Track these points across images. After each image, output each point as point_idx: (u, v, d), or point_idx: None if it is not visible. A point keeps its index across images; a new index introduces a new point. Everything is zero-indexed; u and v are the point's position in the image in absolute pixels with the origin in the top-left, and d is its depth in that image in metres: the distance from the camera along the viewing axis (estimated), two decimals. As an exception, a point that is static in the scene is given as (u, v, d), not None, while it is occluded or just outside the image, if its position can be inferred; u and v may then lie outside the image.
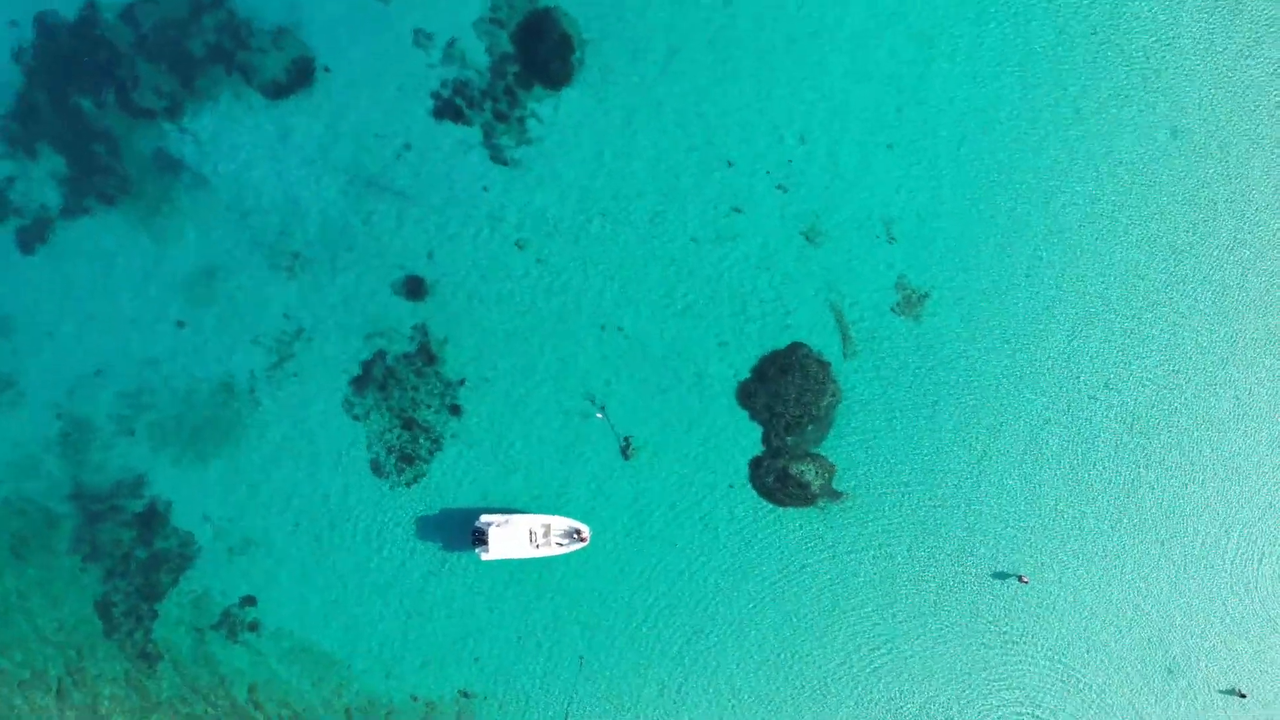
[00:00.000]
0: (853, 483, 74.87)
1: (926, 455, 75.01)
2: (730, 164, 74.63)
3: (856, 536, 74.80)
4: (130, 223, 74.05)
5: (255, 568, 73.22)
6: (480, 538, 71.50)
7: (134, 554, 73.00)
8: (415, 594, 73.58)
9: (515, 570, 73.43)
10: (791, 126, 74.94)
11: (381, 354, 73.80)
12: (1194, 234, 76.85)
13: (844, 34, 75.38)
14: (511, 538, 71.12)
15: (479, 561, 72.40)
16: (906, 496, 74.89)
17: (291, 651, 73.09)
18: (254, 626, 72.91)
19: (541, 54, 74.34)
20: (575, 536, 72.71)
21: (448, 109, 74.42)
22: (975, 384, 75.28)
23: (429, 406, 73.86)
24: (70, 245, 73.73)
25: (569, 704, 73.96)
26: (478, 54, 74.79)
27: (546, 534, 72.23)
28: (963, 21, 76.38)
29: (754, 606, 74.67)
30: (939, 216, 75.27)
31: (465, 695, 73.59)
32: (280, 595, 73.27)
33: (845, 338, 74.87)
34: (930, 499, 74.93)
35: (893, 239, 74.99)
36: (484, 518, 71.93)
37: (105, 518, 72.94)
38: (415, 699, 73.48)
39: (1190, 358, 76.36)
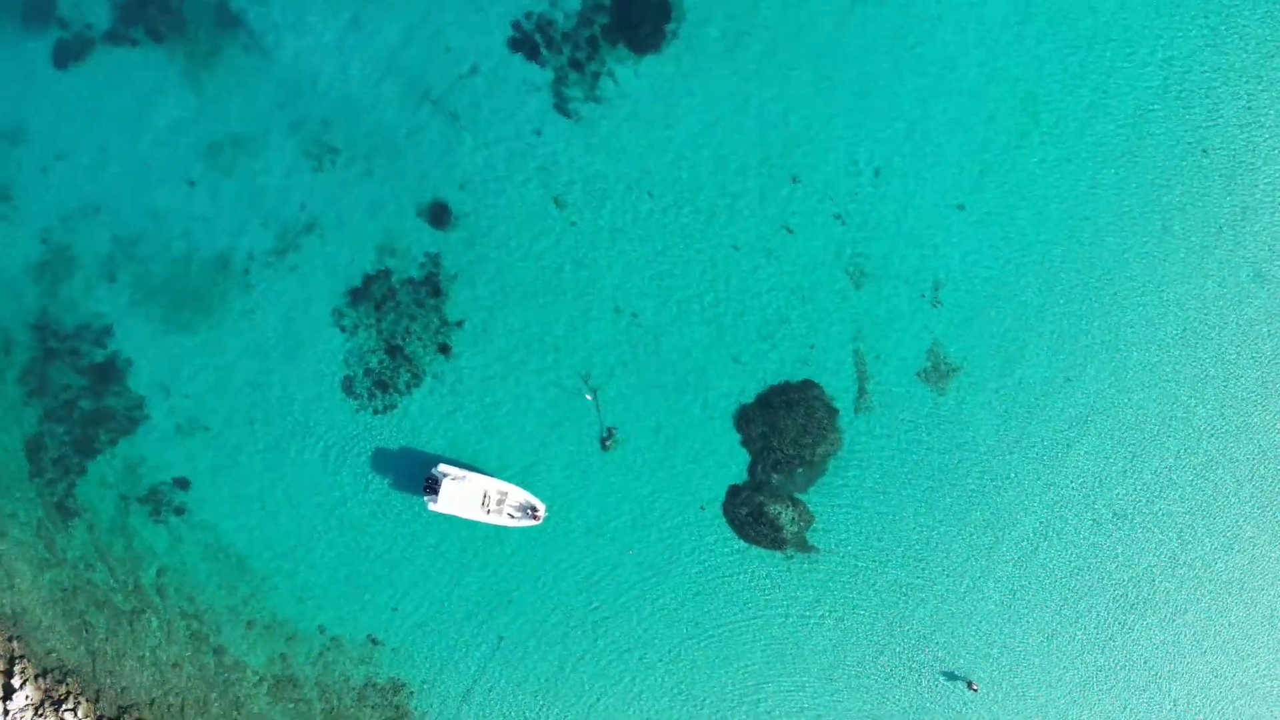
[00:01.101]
0: (828, 540, 70.67)
1: (911, 535, 70.63)
2: (795, 180, 70.69)
3: (816, 597, 70.58)
4: (174, 68, 70.86)
5: (198, 453, 69.87)
6: (433, 486, 67.82)
7: (80, 403, 69.78)
8: (352, 526, 69.99)
9: (460, 530, 69.68)
10: (869, 159, 70.81)
11: (387, 272, 70.28)
12: (1252, 388, 72.08)
13: (951, 81, 71.09)
14: (464, 495, 67.38)
15: (425, 511, 68.73)
16: (879, 571, 70.57)
17: (211, 547, 69.68)
18: (180, 511, 69.54)
19: (636, 13, 70.65)
20: (529, 513, 68.90)
21: (525, 43, 70.88)
22: (981, 477, 70.85)
23: (419, 339, 70.25)
24: (106, 72, 70.56)
25: (475, 681, 70.15)
26: (571, -4, 71.40)
27: (501, 502, 68.46)
28: (1075, 104, 71.95)
29: (694, 639, 70.62)
30: (992, 293, 70.90)
31: (373, 641, 69.90)
32: (215, 488, 69.90)
33: (862, 390, 70.74)
34: (902, 580, 70.59)
35: (938, 303, 70.77)
36: (442, 467, 68.26)
37: (62, 357, 69.76)
38: (321, 631, 69.87)
39: (1213, 514, 71.35)
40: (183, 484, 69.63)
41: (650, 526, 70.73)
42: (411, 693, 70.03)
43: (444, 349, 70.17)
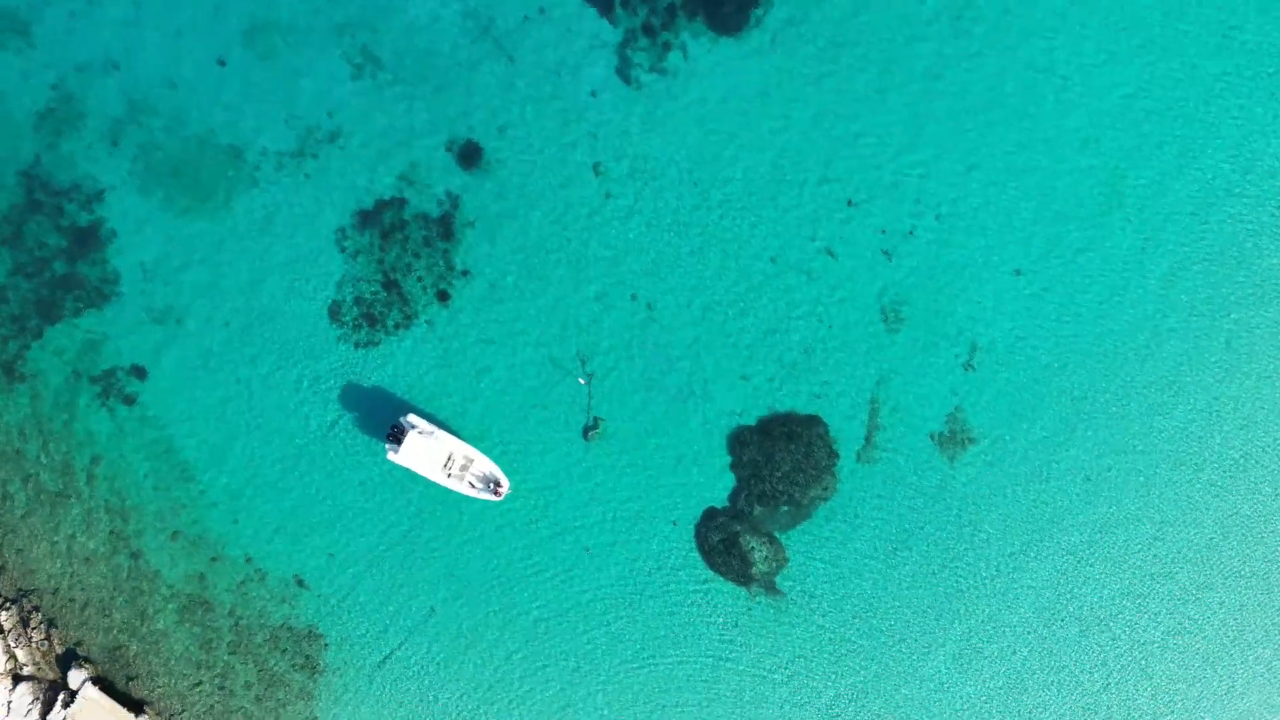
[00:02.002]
0: (797, 589, 65.79)
1: (886, 605, 65.61)
2: (851, 204, 65.77)
3: (772, 648, 65.71)
4: (230, -62, 66.78)
5: (164, 345, 65.47)
6: (397, 435, 63.28)
7: (53, 263, 65.54)
8: (306, 459, 65.50)
9: (415, 488, 65.11)
10: (934, 200, 65.70)
11: (402, 202, 65.73)
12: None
13: (1042, 139, 65.52)
14: (428, 452, 62.80)
15: (384, 459, 64.20)
16: (843, 635, 65.63)
17: (154, 446, 65.33)
18: (131, 400, 65.24)
19: (723, -10, 65.94)
20: (491, 486, 64.25)
21: (600, -4, 66.40)
22: (975, 567, 65.67)
23: (420, 280, 65.70)
24: (156, -74, 66.55)
25: (395, 649, 65.64)
26: (660, -42, 66.62)
27: (465, 468, 63.85)
28: (1167, 196, 66.17)
29: (636, 664, 66.01)
30: (1031, 372, 65.67)
31: (300, 583, 65.46)
32: (174, 386, 65.54)
33: (869, 439, 65.80)
34: (866, 651, 65.66)
35: (972, 367, 65.74)
36: (411, 417, 63.70)
37: (45, 211, 65.52)
38: (248, 560, 65.43)
39: (1211, 666, 66.16)
40: (140, 373, 65.32)
41: (616, 530, 66.02)
42: (326, 645, 65.53)
43: (443, 296, 65.60)
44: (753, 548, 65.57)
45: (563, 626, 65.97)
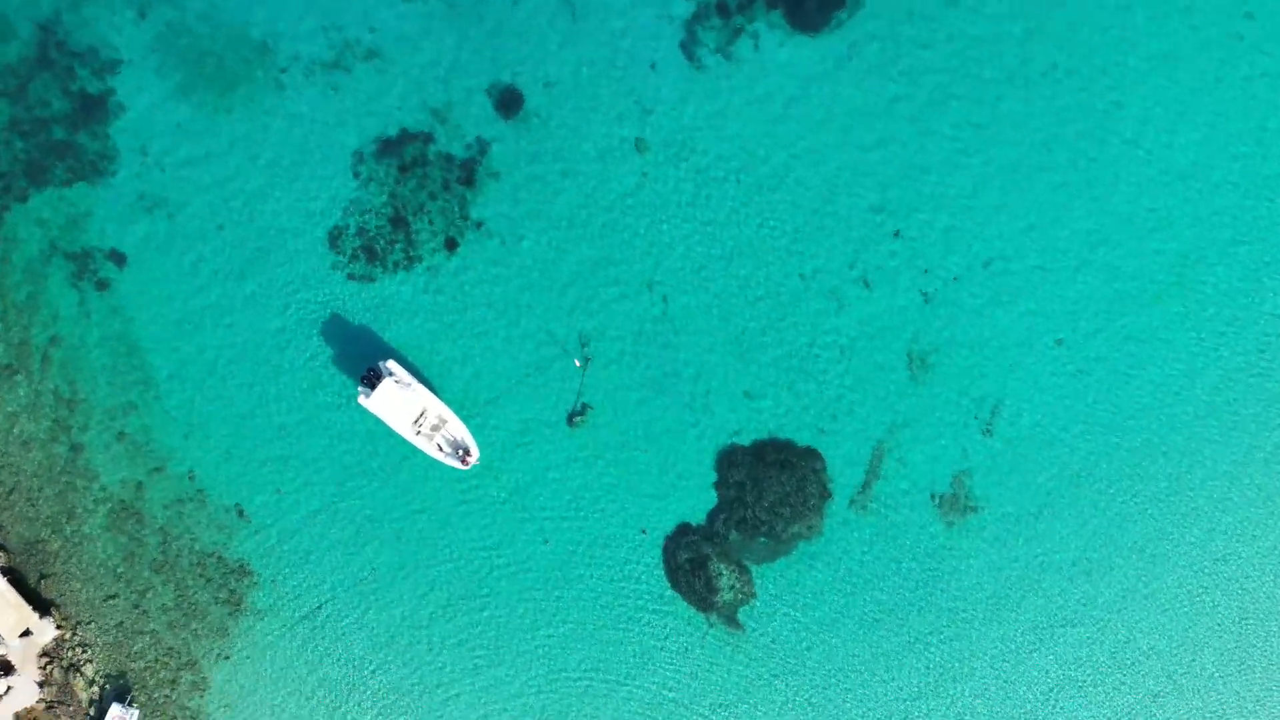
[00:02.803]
0: (758, 630, 61.41)
1: (849, 670, 61.20)
2: (898, 235, 61.43)
3: (719, 683, 61.26)
4: None
5: (151, 236, 61.53)
6: (372, 379, 59.19)
7: (52, 126, 61.71)
8: (273, 384, 61.47)
9: (380, 438, 60.97)
10: (987, 249, 61.24)
11: (429, 137, 61.65)
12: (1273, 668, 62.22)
13: (1113, 209, 61.00)
14: (401, 403, 58.71)
15: (354, 402, 60.12)
16: (797, 689, 61.13)
17: (118, 338, 61.37)
18: (104, 286, 61.33)
19: (810, -16, 61.65)
20: (460, 453, 60.10)
21: (680, -35, 62.12)
22: (949, 641, 61.07)
23: (430, 223, 61.62)
24: None
25: (324, 604, 61.53)
26: (751, -61, 62.26)
27: (436, 428, 59.71)
28: (1232, 296, 61.26)
29: (574, 676, 61.93)
30: (1052, 452, 60.99)
31: (240, 514, 61.43)
32: (151, 279, 61.58)
33: (867, 486, 61.37)
34: (820, 705, 61.25)
35: (989, 432, 61.26)
36: (391, 363, 59.59)
37: (55, 71, 61.69)
38: (191, 478, 61.41)
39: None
40: (119, 260, 61.38)
41: (581, 527, 61.78)
42: (255, 584, 61.45)
43: (451, 245, 61.49)
44: (720, 574, 61.29)
45: (505, 621, 61.71)
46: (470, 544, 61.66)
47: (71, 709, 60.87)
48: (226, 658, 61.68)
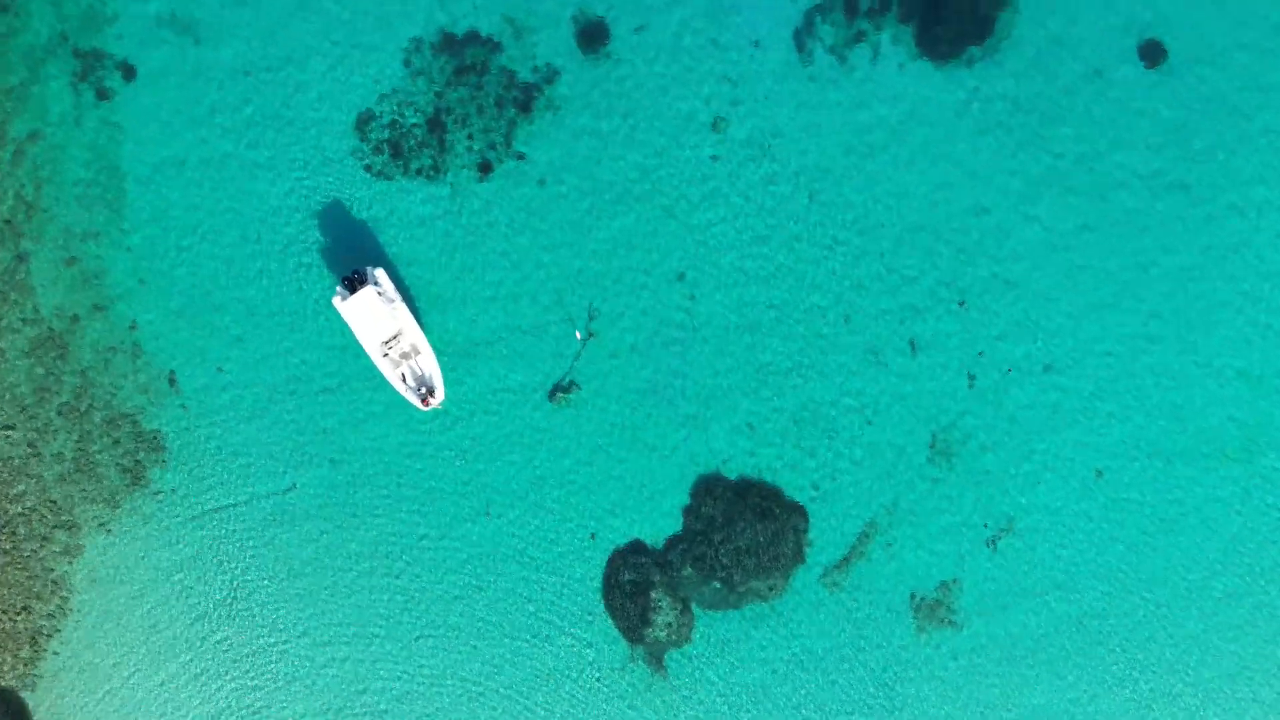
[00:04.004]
0: (683, 677, 54.95)
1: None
2: (962, 305, 55.05)
3: (626, 723, 55.31)
4: None
5: (170, 56, 55.13)
6: (354, 283, 53.02)
7: (99, -91, 56.04)
8: (249, 258, 55.14)
9: (344, 349, 54.74)
10: (1051, 356, 54.79)
11: (496, 46, 55.44)
12: None
13: (1199, 358, 54.46)
14: (376, 316, 52.42)
15: (328, 301, 54.05)
16: (707, 751, 55.11)
17: (102, 155, 54.91)
18: (105, 95, 55.08)
19: (951, 6, 55.03)
20: (423, 390, 53.85)
21: (820, -53, 55.81)
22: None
23: (469, 138, 55.42)
24: None
25: (231, 506, 55.28)
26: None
27: (406, 355, 53.50)
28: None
29: (468, 680, 55.76)
30: (1054, 591, 54.41)
31: (171, 382, 55.29)
32: (156, 103, 55.13)
33: (845, 564, 54.82)
34: (721, 781, 55.02)
35: (994, 546, 54.73)
36: (380, 272, 53.36)
37: None
38: (132, 328, 55.24)
39: None
40: (129, 73, 55.21)
41: (528, 510, 55.43)
42: (162, 462, 55.30)
43: (485, 168, 55.30)
44: (661, 607, 54.94)
45: (417, 594, 55.45)
46: (405, 490, 55.40)
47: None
48: (108, 530, 55.53)
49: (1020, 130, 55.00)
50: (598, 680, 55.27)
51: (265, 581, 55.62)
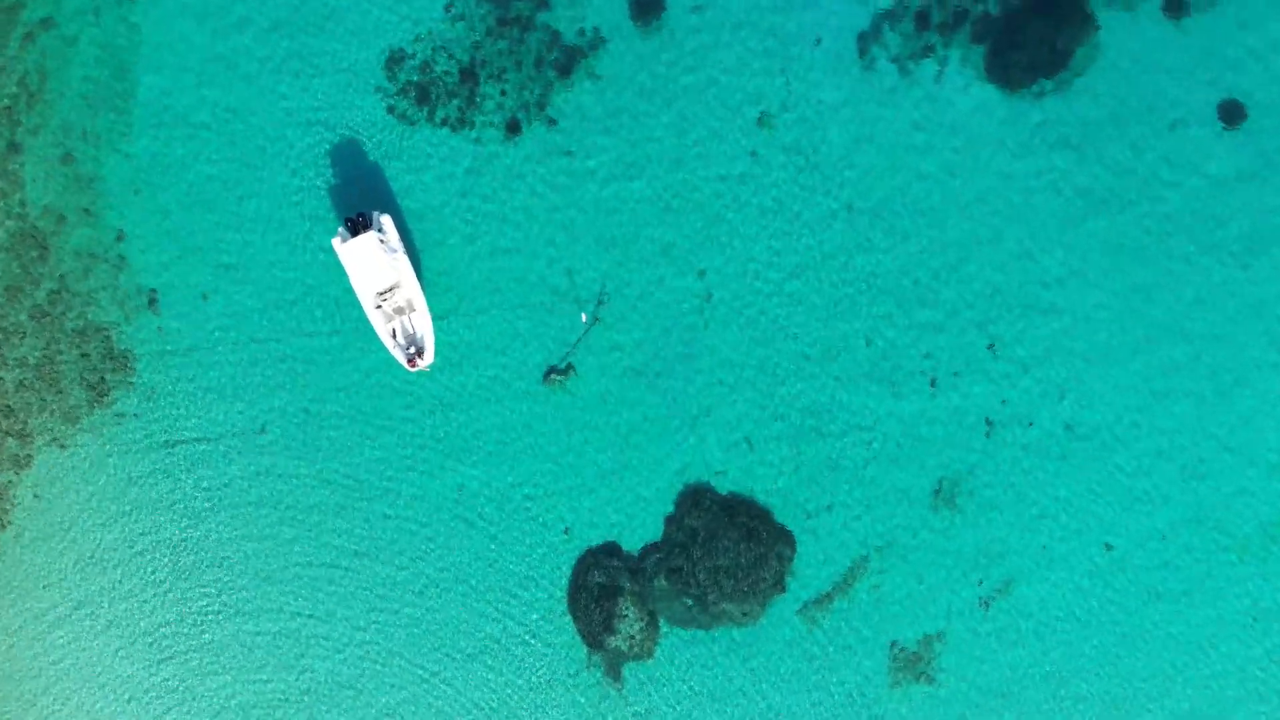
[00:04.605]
0: (639, 693, 51.78)
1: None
2: (991, 348, 51.81)
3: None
4: None
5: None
6: (358, 226, 49.99)
7: None
8: (252, 184, 52.16)
9: (337, 294, 51.80)
10: (1083, 418, 51.18)
11: (543, 2, 52.34)
12: None
13: (1247, 440, 50.66)
14: (375, 264, 49.29)
15: (327, 240, 51.04)
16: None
17: (115, 54, 52.00)
18: (129, -11, 52.58)
19: (1029, 32, 51.28)
20: (411, 349, 50.76)
21: (901, -49, 52.58)
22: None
23: (501, 93, 52.32)
24: None
25: (195, 441, 52.41)
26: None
27: (400, 310, 50.48)
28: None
29: (416, 667, 52.84)
30: (1043, 661, 51.05)
31: (151, 301, 52.34)
32: (180, 9, 52.32)
33: (826, 600, 51.58)
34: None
35: (986, 606, 51.47)
36: (386, 219, 50.27)
37: None
38: (119, 238, 52.30)
39: None
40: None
41: (503, 493, 52.42)
42: (129, 384, 52.32)
43: (513, 127, 52.25)
44: (627, 615, 51.84)
45: (371, 566, 52.56)
46: (379, 460, 52.39)
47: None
48: (62, 446, 52.60)
49: (1079, 176, 51.63)
50: (547, 682, 52.16)
51: (217, 529, 52.62)
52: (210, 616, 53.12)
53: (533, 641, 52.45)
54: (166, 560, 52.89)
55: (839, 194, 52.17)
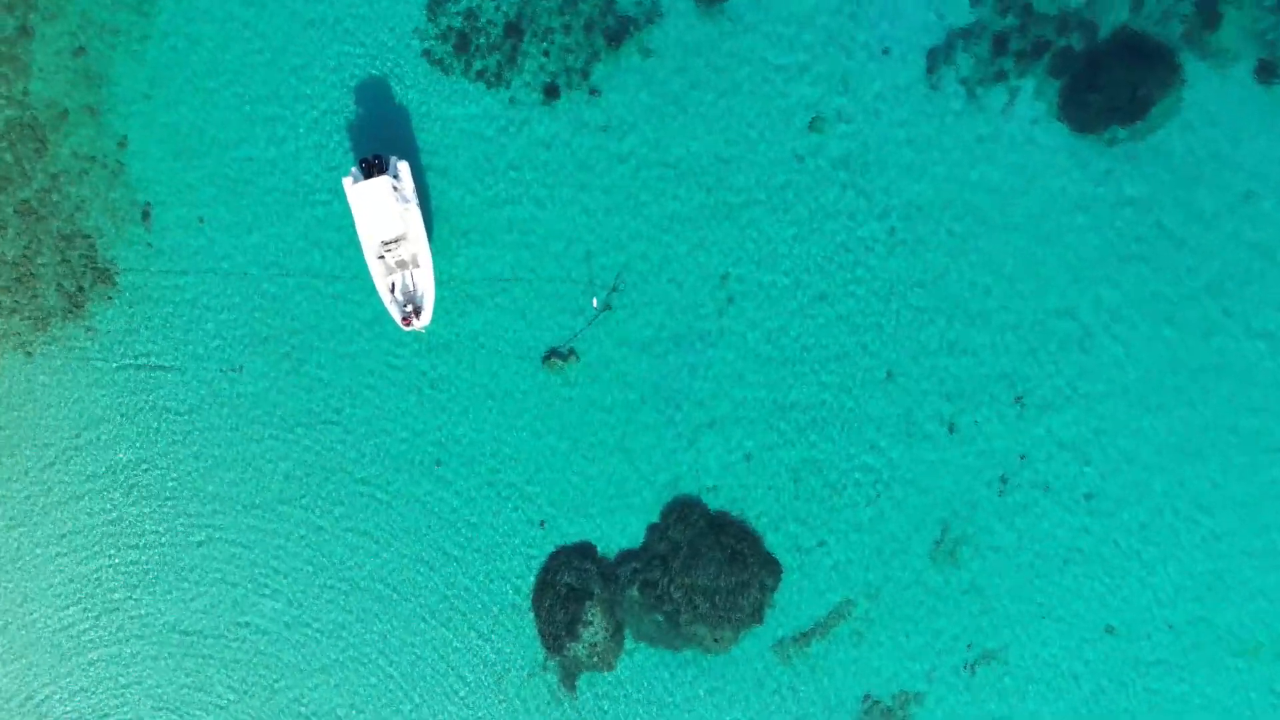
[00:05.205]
0: (592, 706, 48.77)
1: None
2: (1018, 401, 48.58)
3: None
4: None
5: None
6: (373, 169, 46.86)
7: None
8: (271, 109, 49.13)
9: (341, 239, 48.83)
10: (1102, 489, 47.93)
11: (603, -34, 49.52)
12: None
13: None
14: (384, 211, 45.93)
15: (338, 179, 47.97)
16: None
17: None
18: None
19: (1111, 74, 48.15)
20: (409, 307, 47.64)
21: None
22: None
23: (545, 54, 49.18)
24: None
25: (170, 369, 49.41)
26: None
27: (402, 264, 47.35)
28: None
29: (368, 660, 50.18)
30: (1025, 736, 48.54)
31: (145, 214, 49.30)
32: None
33: (805, 640, 48.41)
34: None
35: (971, 673, 48.27)
36: (403, 165, 47.14)
37: None
38: (121, 144, 49.16)
39: None
40: None
41: (481, 476, 49.41)
42: (108, 299, 49.30)
43: (551, 92, 49.16)
44: (592, 622, 48.74)
45: (330, 536, 49.73)
46: (357, 419, 49.38)
47: None
48: (27, 352, 49.63)
49: (1137, 238, 48.37)
50: (499, 679, 49.09)
51: (176, 464, 49.66)
52: (157, 553, 50.17)
53: (489, 634, 49.40)
54: (118, 490, 49.94)
55: (883, 218, 48.97)
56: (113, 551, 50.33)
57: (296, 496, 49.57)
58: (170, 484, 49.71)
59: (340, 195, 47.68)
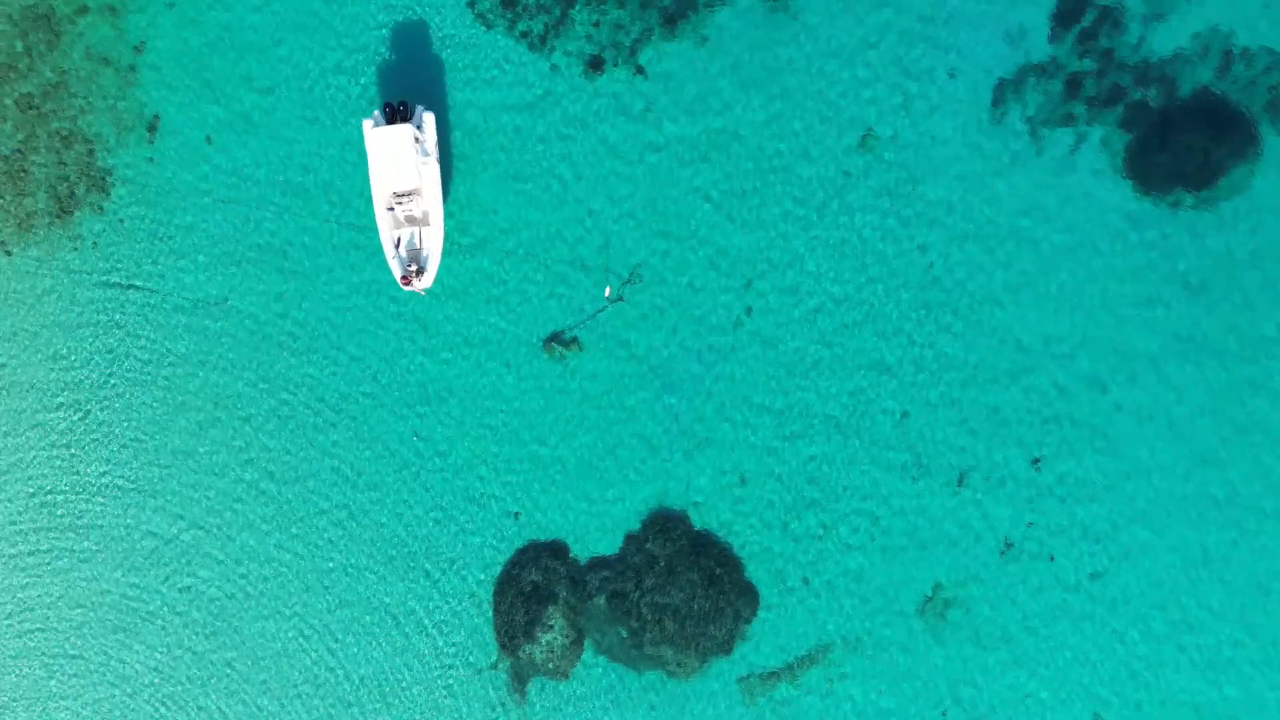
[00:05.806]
0: (547, 716, 46.03)
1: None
2: (1035, 464, 45.67)
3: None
4: None
5: None
6: (397, 114, 44.30)
7: None
8: (303, 41, 46.69)
9: (351, 189, 46.21)
10: (1109, 570, 44.83)
11: (673, -59, 46.77)
12: None
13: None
14: (401, 161, 43.02)
15: (358, 121, 45.32)
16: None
17: None
18: None
19: (1186, 131, 45.59)
20: (413, 267, 44.87)
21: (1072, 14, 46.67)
22: None
23: (594, 25, 46.14)
24: None
25: (152, 293, 46.75)
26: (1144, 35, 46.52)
27: (413, 219, 44.61)
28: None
29: (317, 616, 47.44)
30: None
31: (151, 127, 46.81)
32: None
33: (772, 680, 45.45)
34: None
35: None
36: (428, 116, 44.55)
37: None
38: (138, 49, 46.68)
39: None
40: None
41: (460, 454, 46.72)
42: (99, 209, 46.75)
43: (595, 65, 46.45)
44: (553, 627, 45.95)
45: (293, 498, 47.27)
46: (340, 376, 46.79)
47: None
48: (7, 253, 47.09)
49: (1186, 317, 45.29)
50: (443, 671, 46.26)
51: (146, 394, 47.04)
52: (114, 484, 47.54)
53: (443, 624, 46.61)
54: (83, 404, 47.35)
55: (922, 255, 46.18)
56: (59, 479, 47.84)
57: (255, 453, 46.90)
58: (137, 419, 47.15)
59: (359, 135, 45.03)
